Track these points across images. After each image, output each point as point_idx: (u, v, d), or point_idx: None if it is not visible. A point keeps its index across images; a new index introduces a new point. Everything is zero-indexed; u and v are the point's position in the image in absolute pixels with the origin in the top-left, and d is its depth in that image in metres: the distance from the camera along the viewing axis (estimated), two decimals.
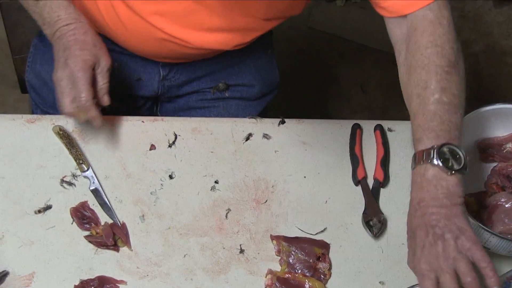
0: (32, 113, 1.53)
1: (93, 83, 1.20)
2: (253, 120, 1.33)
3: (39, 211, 1.21)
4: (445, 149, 1.08)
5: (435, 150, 1.08)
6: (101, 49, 1.23)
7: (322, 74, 2.35)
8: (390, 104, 2.27)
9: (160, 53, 1.33)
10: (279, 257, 1.22)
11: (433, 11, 1.14)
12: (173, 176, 1.26)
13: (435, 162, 1.10)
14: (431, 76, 1.13)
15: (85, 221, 1.19)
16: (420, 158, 1.09)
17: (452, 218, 1.06)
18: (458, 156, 1.09)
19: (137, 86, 1.45)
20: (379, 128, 1.32)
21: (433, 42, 1.13)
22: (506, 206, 1.25)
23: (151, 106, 1.50)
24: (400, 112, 2.25)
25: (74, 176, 1.26)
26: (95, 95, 1.19)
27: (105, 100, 1.20)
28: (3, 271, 1.12)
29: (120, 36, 1.30)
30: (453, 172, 1.09)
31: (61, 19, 1.24)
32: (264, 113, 1.53)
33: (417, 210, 1.09)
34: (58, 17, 1.24)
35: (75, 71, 1.16)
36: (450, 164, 1.09)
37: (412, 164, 1.11)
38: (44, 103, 1.45)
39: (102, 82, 1.20)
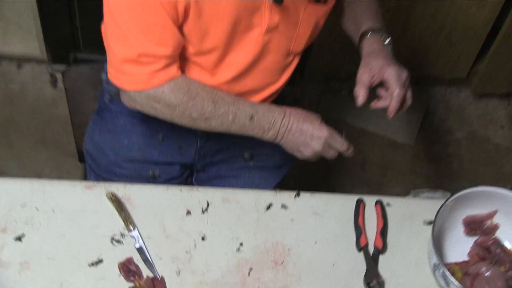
0: (85, 177, 1.61)
1: None
2: (273, 192, 1.39)
3: (92, 264, 1.24)
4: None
5: (381, 30, 1.42)
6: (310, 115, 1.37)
7: None
8: (386, 180, 2.32)
9: None
10: None
11: None
12: (205, 238, 1.31)
13: (382, 34, 1.43)
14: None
15: (130, 274, 1.24)
16: (374, 30, 1.42)
17: (390, 61, 1.36)
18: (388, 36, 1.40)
19: (178, 154, 1.52)
20: (379, 203, 1.38)
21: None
22: (486, 274, 1.29)
23: (188, 176, 1.58)
24: (394, 187, 2.29)
25: (122, 235, 1.29)
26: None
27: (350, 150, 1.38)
28: None
29: None
30: (385, 42, 1.41)
31: (275, 119, 1.34)
32: (281, 183, 1.63)
33: (373, 52, 1.39)
34: (273, 118, 1.33)
35: (327, 136, 1.33)
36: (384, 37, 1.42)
37: (366, 34, 1.42)
38: (98, 167, 1.53)
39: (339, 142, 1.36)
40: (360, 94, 1.29)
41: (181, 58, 1.29)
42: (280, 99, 1.55)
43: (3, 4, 2.26)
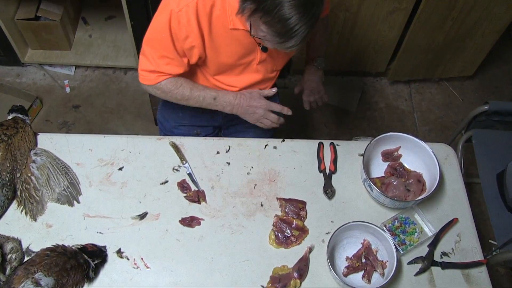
0: (158, 134, 1.79)
1: None
2: (268, 139, 1.55)
3: (162, 183, 1.51)
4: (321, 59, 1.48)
5: (320, 58, 1.42)
6: (253, 93, 1.35)
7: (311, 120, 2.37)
8: (338, 132, 2.39)
9: None
10: (281, 208, 1.40)
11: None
12: (228, 166, 1.46)
13: (318, 60, 1.42)
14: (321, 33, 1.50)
15: (184, 188, 1.51)
16: (313, 59, 1.45)
17: (320, 82, 1.44)
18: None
19: (211, 120, 1.63)
20: (332, 144, 1.53)
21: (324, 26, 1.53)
22: (394, 183, 1.42)
23: (218, 133, 1.79)
24: (343, 135, 2.22)
25: (179, 166, 1.49)
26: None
27: (285, 110, 1.38)
28: (144, 212, 1.23)
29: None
30: (319, 68, 1.43)
31: (230, 100, 1.33)
32: (274, 134, 1.65)
33: (311, 74, 1.42)
34: (229, 100, 1.33)
35: (264, 106, 1.31)
36: (318, 61, 1.50)
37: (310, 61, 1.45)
38: (164, 128, 1.71)
39: (275, 106, 1.37)
40: (306, 103, 1.50)
41: (207, 76, 1.40)
42: (273, 86, 1.65)
43: (117, 39, 2.71)
